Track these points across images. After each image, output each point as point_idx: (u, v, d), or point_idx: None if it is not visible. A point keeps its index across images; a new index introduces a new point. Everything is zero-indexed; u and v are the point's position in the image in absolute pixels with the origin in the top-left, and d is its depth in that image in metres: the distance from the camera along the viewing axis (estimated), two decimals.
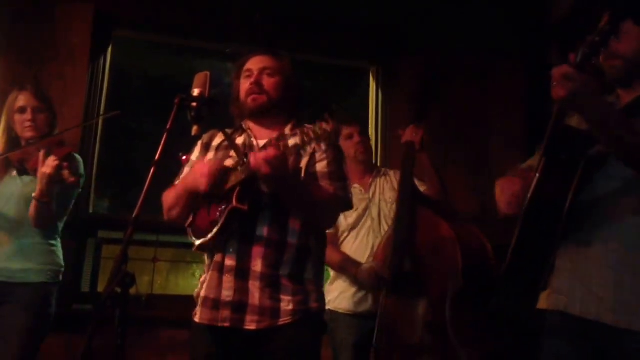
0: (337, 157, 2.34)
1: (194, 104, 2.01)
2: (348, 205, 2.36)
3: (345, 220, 3.28)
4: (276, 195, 2.20)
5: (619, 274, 1.77)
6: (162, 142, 1.88)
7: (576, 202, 1.83)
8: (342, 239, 3.31)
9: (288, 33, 4.24)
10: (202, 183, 2.20)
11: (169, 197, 2.36)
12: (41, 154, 2.83)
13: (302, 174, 2.28)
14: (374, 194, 3.34)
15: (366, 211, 3.30)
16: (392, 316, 2.93)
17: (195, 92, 2.03)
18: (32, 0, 3.92)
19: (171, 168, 2.42)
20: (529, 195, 1.88)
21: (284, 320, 2.17)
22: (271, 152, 2.04)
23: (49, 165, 2.78)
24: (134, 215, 1.76)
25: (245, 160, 2.16)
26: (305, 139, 2.03)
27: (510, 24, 4.42)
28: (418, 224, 2.97)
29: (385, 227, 3.24)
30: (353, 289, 3.21)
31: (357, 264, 3.16)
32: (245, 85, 2.39)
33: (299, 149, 2.24)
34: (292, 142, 2.29)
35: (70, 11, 3.93)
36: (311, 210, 2.25)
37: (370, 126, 4.47)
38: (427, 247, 2.92)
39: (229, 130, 2.43)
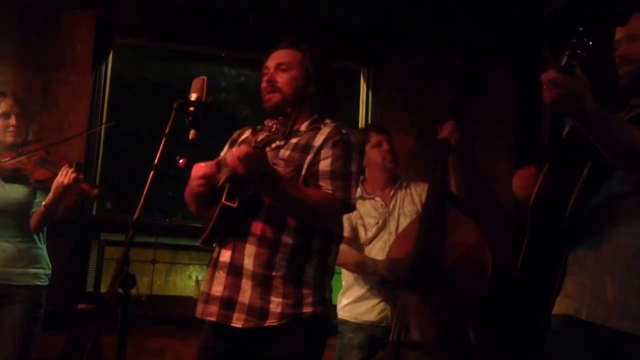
0: (343, 155, 2.19)
1: (192, 109, 2.03)
2: (347, 205, 2.19)
3: (365, 233, 3.27)
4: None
5: (627, 278, 1.74)
6: (161, 146, 1.92)
7: (588, 205, 1.80)
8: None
9: (280, 36, 4.27)
10: (192, 185, 2.24)
11: (186, 193, 2.34)
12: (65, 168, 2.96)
13: (304, 171, 2.18)
14: (393, 207, 3.30)
15: (385, 225, 3.27)
16: (408, 313, 2.87)
17: (193, 96, 2.05)
18: (38, 9, 3.98)
19: (171, 171, 2.47)
20: (531, 199, 1.86)
21: (270, 322, 2.10)
22: (242, 150, 1.97)
23: (67, 176, 2.92)
24: (134, 218, 1.80)
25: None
26: (268, 134, 1.95)
27: (500, 22, 4.41)
28: (447, 224, 2.88)
29: None
30: (362, 300, 3.22)
31: (376, 260, 3.14)
32: (263, 83, 2.32)
33: (307, 147, 2.20)
34: (302, 139, 2.24)
35: (73, 19, 3.99)
36: (299, 211, 2.14)
37: (360, 127, 4.48)
38: (455, 249, 2.83)
39: (258, 127, 2.34)
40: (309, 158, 2.19)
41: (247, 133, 2.40)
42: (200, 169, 2.21)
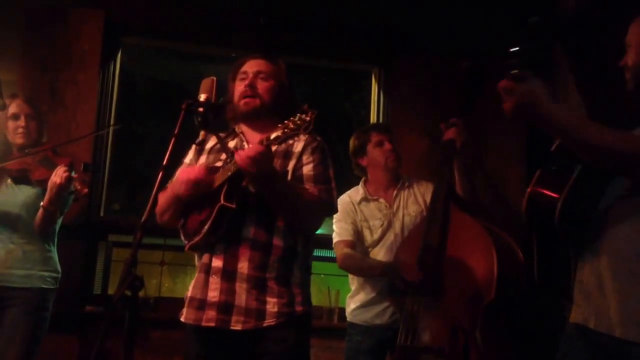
0: (322, 160, 2.32)
1: (201, 109, 2.03)
2: (331, 209, 2.34)
3: (371, 236, 3.23)
4: (262, 194, 2.19)
5: (628, 285, 1.73)
6: (170, 147, 1.90)
7: (591, 213, 1.79)
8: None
9: (291, 37, 4.28)
10: (181, 189, 2.23)
11: (160, 201, 2.30)
12: (61, 167, 2.91)
13: (289, 177, 2.27)
14: (397, 207, 3.26)
15: (390, 226, 3.23)
16: (416, 318, 2.84)
17: (202, 97, 2.05)
18: (45, 8, 3.98)
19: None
20: (523, 209, 1.87)
21: (268, 322, 2.17)
22: (255, 149, 2.03)
23: (59, 175, 2.86)
24: (142, 219, 1.78)
25: (231, 158, 2.15)
26: (286, 130, 1.99)
27: (511, 25, 4.40)
28: (452, 226, 2.86)
29: None
30: (371, 304, 3.19)
31: (381, 262, 3.11)
32: (239, 87, 2.37)
33: (287, 153, 2.28)
34: (282, 146, 2.29)
35: (81, 19, 4.00)
36: (295, 212, 2.23)
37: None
38: (461, 251, 2.81)
39: (222, 134, 2.42)
40: (292, 164, 2.29)
41: (211, 141, 2.43)
42: (192, 172, 2.24)
